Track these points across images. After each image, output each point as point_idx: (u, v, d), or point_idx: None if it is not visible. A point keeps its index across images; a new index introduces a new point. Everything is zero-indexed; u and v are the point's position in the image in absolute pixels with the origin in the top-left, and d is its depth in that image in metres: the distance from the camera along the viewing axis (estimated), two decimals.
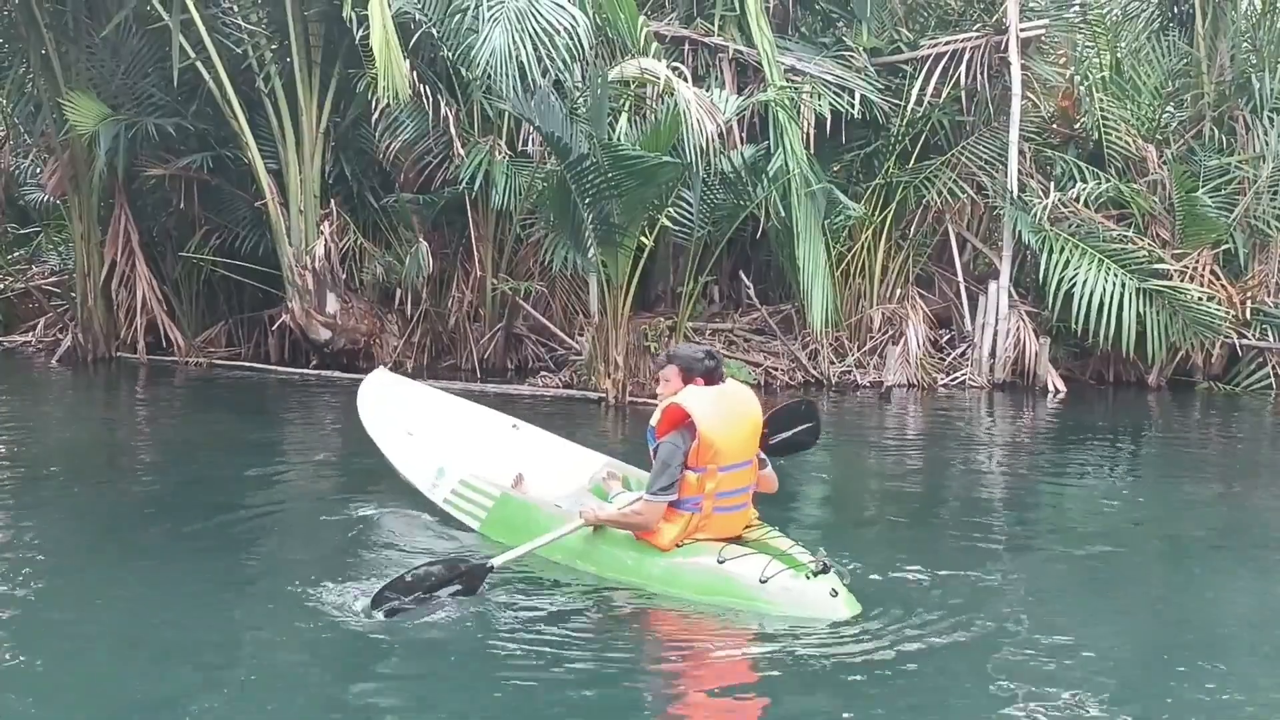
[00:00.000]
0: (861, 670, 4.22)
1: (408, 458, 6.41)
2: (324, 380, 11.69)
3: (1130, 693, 4.15)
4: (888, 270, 13.32)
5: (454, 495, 5.98)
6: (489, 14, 9.58)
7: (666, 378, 5.11)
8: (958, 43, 12.85)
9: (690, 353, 5.19)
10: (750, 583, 4.76)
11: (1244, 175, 13.29)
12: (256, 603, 4.91)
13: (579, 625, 4.72)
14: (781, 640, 4.55)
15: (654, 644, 4.69)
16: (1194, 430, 11.71)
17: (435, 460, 6.24)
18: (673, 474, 4.85)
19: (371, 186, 12.71)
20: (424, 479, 6.18)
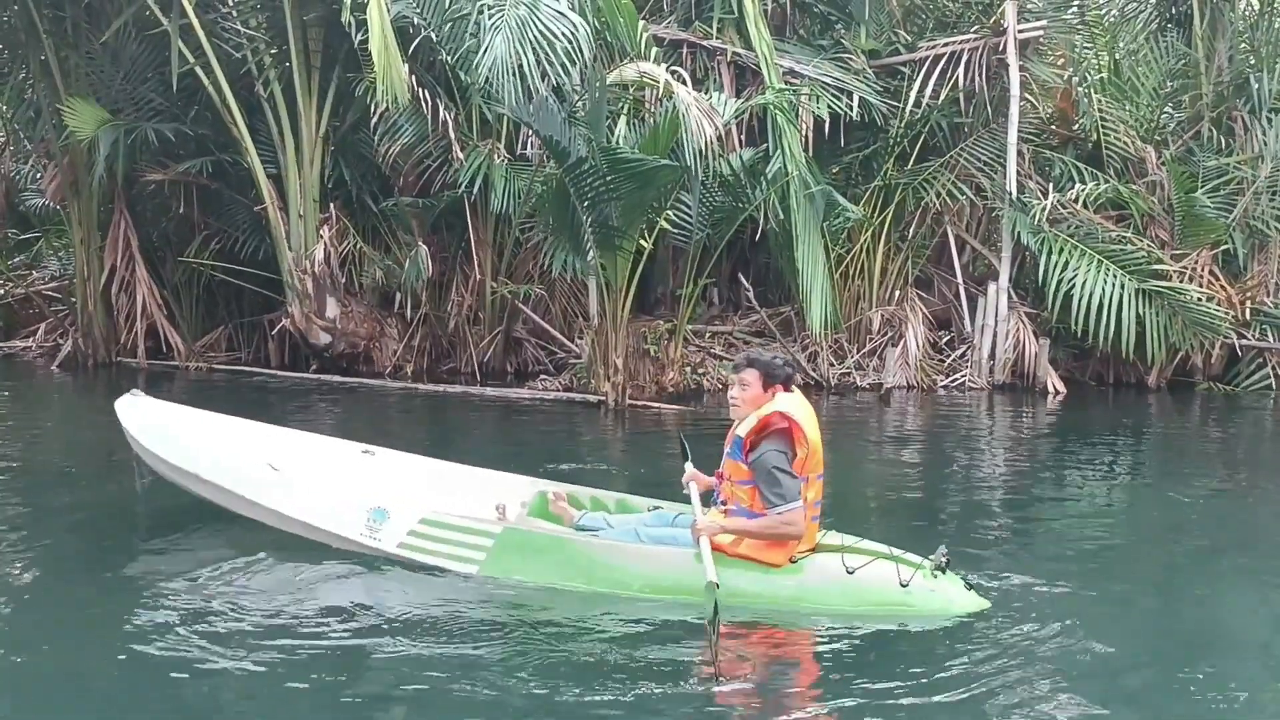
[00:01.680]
0: (984, 663, 4.34)
1: (309, 501, 5.40)
2: (324, 384, 11.71)
3: (1129, 698, 4.15)
4: (887, 272, 13.33)
5: (416, 539, 5.14)
6: (490, 23, 9.59)
7: (745, 382, 4.91)
8: (956, 44, 12.87)
9: (771, 358, 5.02)
10: (892, 589, 4.78)
11: (1243, 176, 13.30)
12: (251, 599, 4.89)
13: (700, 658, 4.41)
14: (923, 641, 4.64)
15: (789, 665, 4.53)
16: (1194, 431, 11.71)
17: (359, 500, 5.34)
18: (795, 481, 4.75)
19: (371, 190, 12.73)
20: (351, 524, 5.25)
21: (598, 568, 4.95)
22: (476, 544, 5.07)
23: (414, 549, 5.15)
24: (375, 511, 5.25)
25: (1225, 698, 4.12)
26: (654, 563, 4.93)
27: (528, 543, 5.11)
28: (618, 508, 5.62)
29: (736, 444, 4.86)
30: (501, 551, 5.04)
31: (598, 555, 5.01)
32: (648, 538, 5.09)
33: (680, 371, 11.83)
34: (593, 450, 9.50)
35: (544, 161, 11.22)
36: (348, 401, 11.03)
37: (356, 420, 10.28)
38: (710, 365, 12.50)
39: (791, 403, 4.87)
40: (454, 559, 5.09)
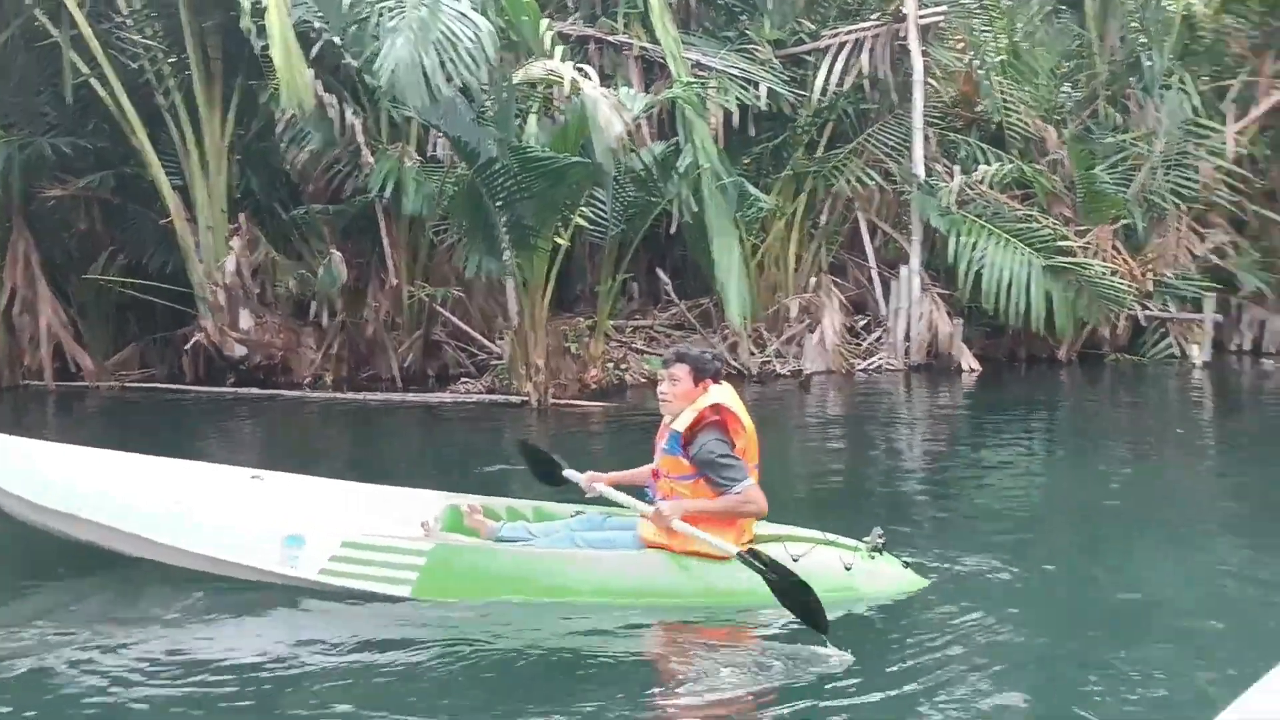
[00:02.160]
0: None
1: (213, 533, 4.97)
2: (241, 398, 11.51)
3: (1049, 668, 4.28)
4: (801, 260, 13.51)
5: (338, 564, 4.82)
6: (390, 24, 9.49)
7: (675, 377, 4.88)
8: (858, 32, 13.09)
9: (700, 353, 5.02)
10: (837, 573, 4.82)
11: (1138, 151, 13.73)
12: (160, 644, 4.51)
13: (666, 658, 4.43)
14: (868, 623, 4.69)
15: (745, 657, 4.43)
16: (1105, 401, 12.09)
17: (270, 528, 4.97)
18: (741, 463, 4.77)
19: (280, 199, 12.52)
20: (264, 554, 4.87)
21: (540, 578, 4.80)
22: (406, 564, 4.79)
23: (337, 575, 4.81)
24: (289, 539, 4.87)
25: (1149, 661, 4.25)
26: (599, 567, 4.85)
27: (463, 558, 4.89)
28: (536, 515, 5.40)
29: (674, 439, 4.83)
30: (434, 570, 4.77)
31: (539, 565, 4.86)
32: (584, 542, 4.98)
33: (602, 368, 11.85)
34: (518, 452, 9.47)
35: (455, 163, 11.14)
36: (267, 414, 10.86)
37: (277, 433, 10.15)
38: (632, 360, 12.54)
39: (725, 395, 4.90)
40: (383, 581, 4.78)
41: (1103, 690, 4.01)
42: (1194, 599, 5.09)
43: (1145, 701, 3.92)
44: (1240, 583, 5.29)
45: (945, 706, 3.86)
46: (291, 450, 9.28)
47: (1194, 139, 13.92)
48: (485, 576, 4.82)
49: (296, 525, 4.96)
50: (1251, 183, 14.56)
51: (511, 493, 6.02)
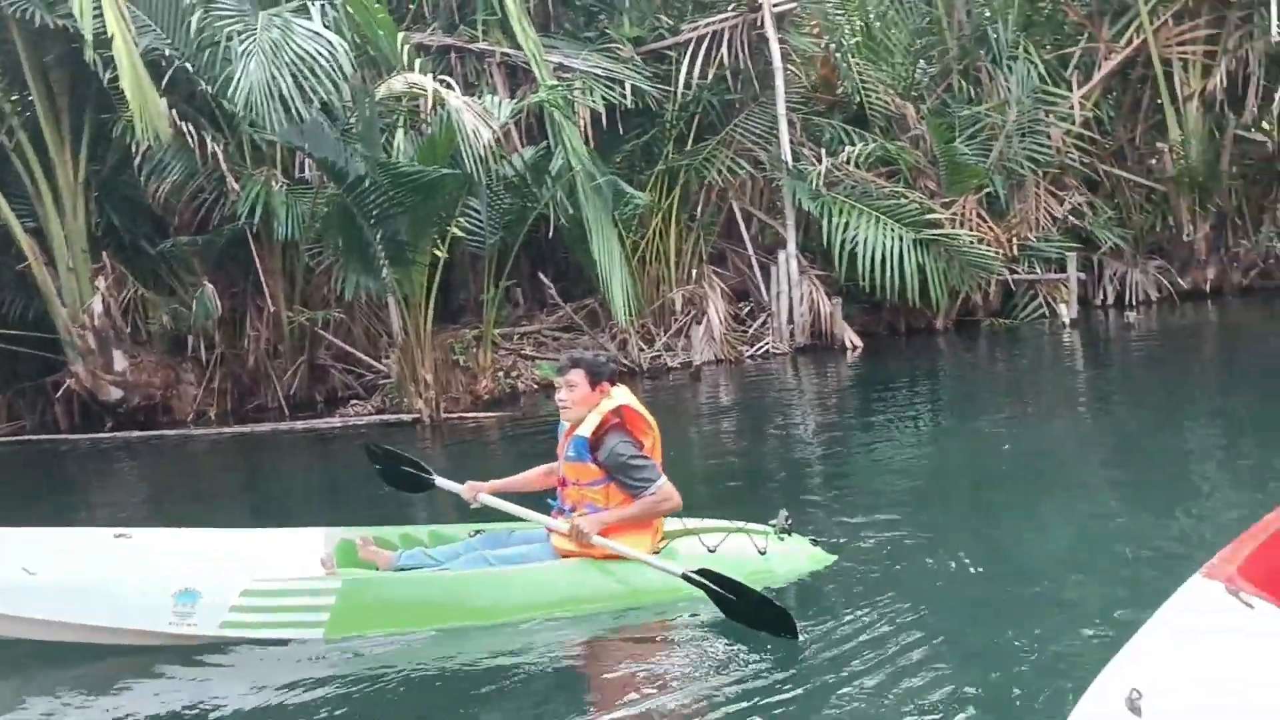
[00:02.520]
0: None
1: (91, 598, 4.53)
2: (122, 442, 11.12)
3: (954, 635, 4.41)
4: (682, 253, 13.64)
5: (241, 614, 4.52)
6: (241, 48, 9.27)
7: (573, 383, 4.85)
8: (716, 24, 13.24)
9: (594, 356, 4.99)
10: (754, 559, 4.90)
11: (994, 122, 14.22)
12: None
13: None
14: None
15: (676, 653, 4.49)
16: (982, 365, 12.52)
17: (157, 585, 4.58)
18: (652, 462, 4.79)
19: (145, 234, 12.10)
20: (154, 614, 4.50)
21: (458, 601, 4.68)
22: (315, 604, 4.56)
23: (242, 626, 4.53)
24: (181, 595, 4.51)
25: (1046, 629, 4.40)
26: (517, 582, 4.76)
27: (375, 591, 4.70)
28: (433, 539, 5.25)
29: (580, 445, 4.80)
30: (347, 606, 4.56)
31: (455, 588, 4.74)
32: (496, 560, 4.87)
33: (493, 378, 11.79)
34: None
35: (324, 183, 10.94)
36: (151, 457, 10.52)
37: (163, 475, 9.84)
38: (523, 367, 12.51)
39: (626, 396, 4.93)
40: (293, 626, 4.54)
41: (999, 647, 4.19)
42: (1075, 549, 5.34)
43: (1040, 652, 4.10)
44: (1120, 530, 5.56)
45: (874, 676, 3.99)
46: (180, 492, 9.02)
47: (1044, 106, 14.51)
48: (400, 607, 4.65)
49: (185, 579, 4.59)
50: (1100, 144, 15.27)
51: (405, 518, 5.90)
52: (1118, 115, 15.68)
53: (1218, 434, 8.09)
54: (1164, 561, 4.81)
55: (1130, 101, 15.74)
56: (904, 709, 3.73)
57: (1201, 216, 15.18)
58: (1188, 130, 14.96)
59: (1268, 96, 14.37)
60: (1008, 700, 3.76)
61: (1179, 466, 6.89)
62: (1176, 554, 4.77)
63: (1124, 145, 15.82)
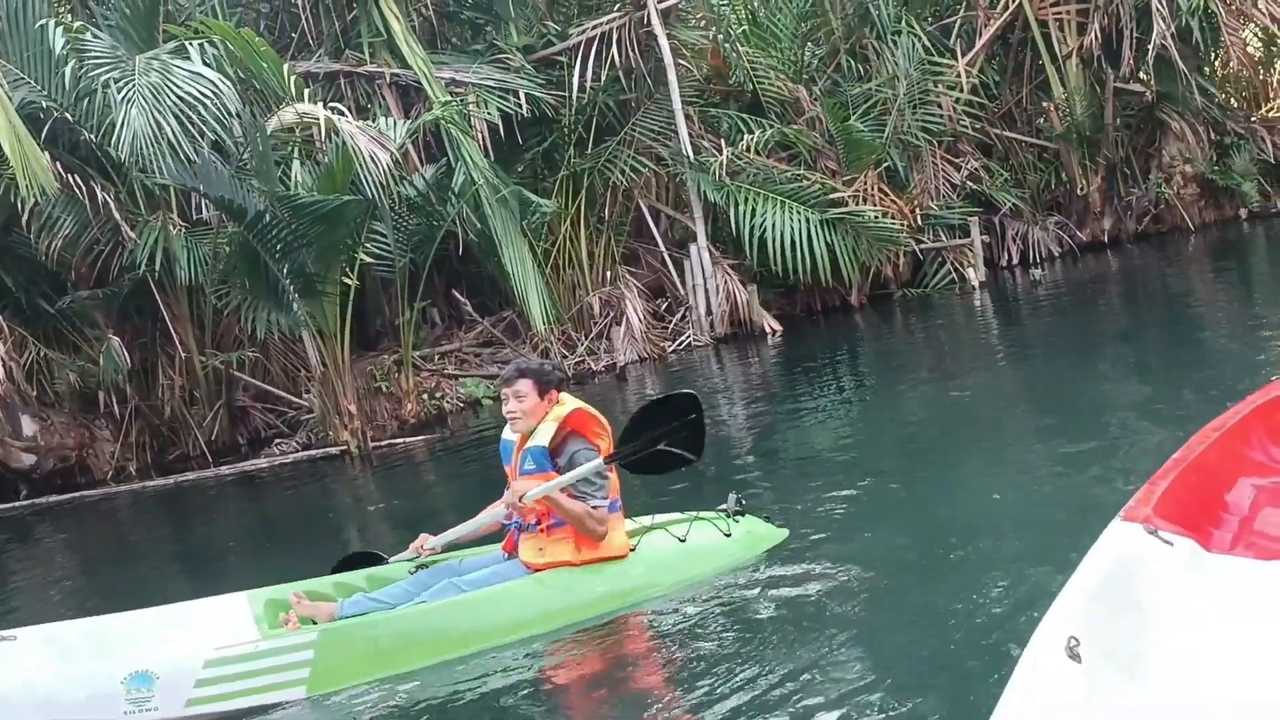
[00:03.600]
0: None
1: (39, 705, 4.06)
2: (40, 509, 10.77)
3: (898, 598, 4.51)
4: (594, 256, 13.64)
5: (209, 688, 4.17)
6: (121, 95, 9.04)
7: (521, 393, 4.74)
8: (603, 25, 13.26)
9: (540, 364, 4.92)
10: (720, 543, 4.98)
11: (885, 97, 14.46)
12: None
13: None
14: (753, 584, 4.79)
15: (665, 647, 4.44)
16: (899, 335, 12.74)
17: (102, 674, 4.16)
18: (607, 484, 4.72)
19: (42, 291, 11.74)
20: (106, 706, 4.08)
21: (447, 632, 4.47)
22: (292, 662, 4.25)
23: (212, 700, 4.15)
24: (134, 678, 4.11)
25: (986, 573, 4.53)
26: (502, 603, 4.60)
27: (357, 635, 4.42)
28: (371, 583, 4.97)
29: (540, 455, 4.70)
30: (328, 658, 4.27)
31: (440, 619, 4.51)
32: (469, 585, 4.66)
33: (417, 401, 11.67)
34: (349, 503, 9.27)
35: (223, 222, 10.73)
36: (72, 520, 10.20)
37: (87, 539, 9.55)
38: (446, 387, 12.40)
39: (576, 402, 4.90)
40: (270, 690, 4.20)
41: (941, 607, 4.29)
42: (1003, 504, 5.49)
43: (980, 609, 4.20)
44: (1045, 480, 5.75)
45: (830, 643, 4.09)
46: (107, 555, 8.76)
47: (931, 77, 14.79)
48: (386, 648, 4.40)
49: (130, 662, 4.17)
50: (989, 109, 15.63)
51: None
52: (1003, 79, 16.07)
53: (1128, 378, 8.35)
54: (1088, 507, 4.91)
55: (1013, 65, 16.13)
56: (857, 672, 3.82)
57: (1092, 170, 15.64)
58: (1070, 88, 15.38)
59: (1141, 48, 14.82)
60: (953, 658, 3.85)
61: (1095, 413, 7.07)
62: (1099, 499, 4.89)
63: (1012, 108, 16.22)
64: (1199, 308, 11.34)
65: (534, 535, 4.74)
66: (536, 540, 4.73)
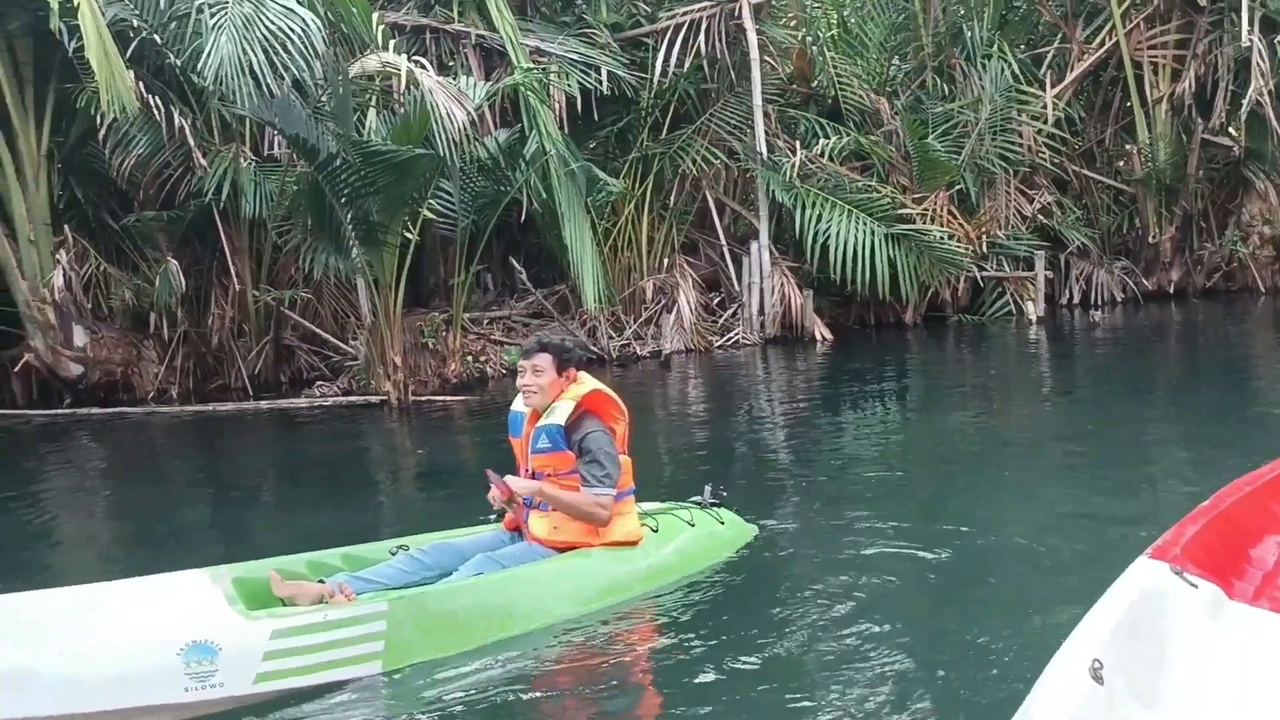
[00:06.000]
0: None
1: (69, 676, 3.54)
2: (81, 419, 10.94)
3: (914, 614, 4.44)
4: (654, 241, 13.61)
5: (278, 662, 3.73)
6: (213, 22, 9.12)
7: (539, 368, 4.60)
8: (694, 12, 13.21)
9: (561, 340, 4.76)
10: (719, 530, 4.98)
11: (966, 119, 14.29)
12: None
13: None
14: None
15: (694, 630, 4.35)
16: (949, 359, 12.60)
17: (156, 644, 3.67)
18: (618, 468, 4.59)
19: (109, 208, 11.92)
20: (163, 682, 3.59)
21: (514, 605, 4.26)
22: (366, 634, 3.89)
23: (283, 676, 3.73)
24: (192, 649, 3.63)
25: (1005, 594, 4.50)
26: (568, 576, 4.48)
27: (425, 608, 4.11)
28: (348, 563, 4.54)
29: (555, 434, 4.55)
30: (400, 631, 3.96)
31: (511, 592, 4.32)
32: (509, 560, 4.48)
33: (461, 361, 11.71)
34: (381, 452, 9.32)
35: (294, 161, 10.81)
36: (110, 434, 10.35)
37: (120, 454, 9.68)
38: (491, 352, 12.43)
39: (595, 382, 4.77)
40: (346, 664, 3.85)
41: (958, 625, 4.23)
42: (1030, 531, 5.37)
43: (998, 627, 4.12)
44: (1073, 512, 5.67)
45: (837, 658, 4.01)
46: (137, 473, 8.88)
47: (1016, 105, 14.60)
48: (454, 623, 4.12)
49: (191, 631, 3.69)
50: (1071, 144, 15.38)
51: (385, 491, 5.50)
52: (1088, 116, 15.82)
53: (1172, 426, 8.22)
54: (1111, 545, 4.86)
55: (1101, 103, 15.88)
56: (871, 680, 3.76)
57: (1167, 219, 15.35)
58: (1156, 133, 15.11)
59: (1235, 102, 14.52)
60: (968, 674, 3.80)
61: (1132, 456, 6.99)
62: (1123, 538, 4.82)
63: (1093, 146, 15.97)
64: (1255, 368, 11.10)
65: (545, 514, 4.61)
66: (548, 519, 4.60)
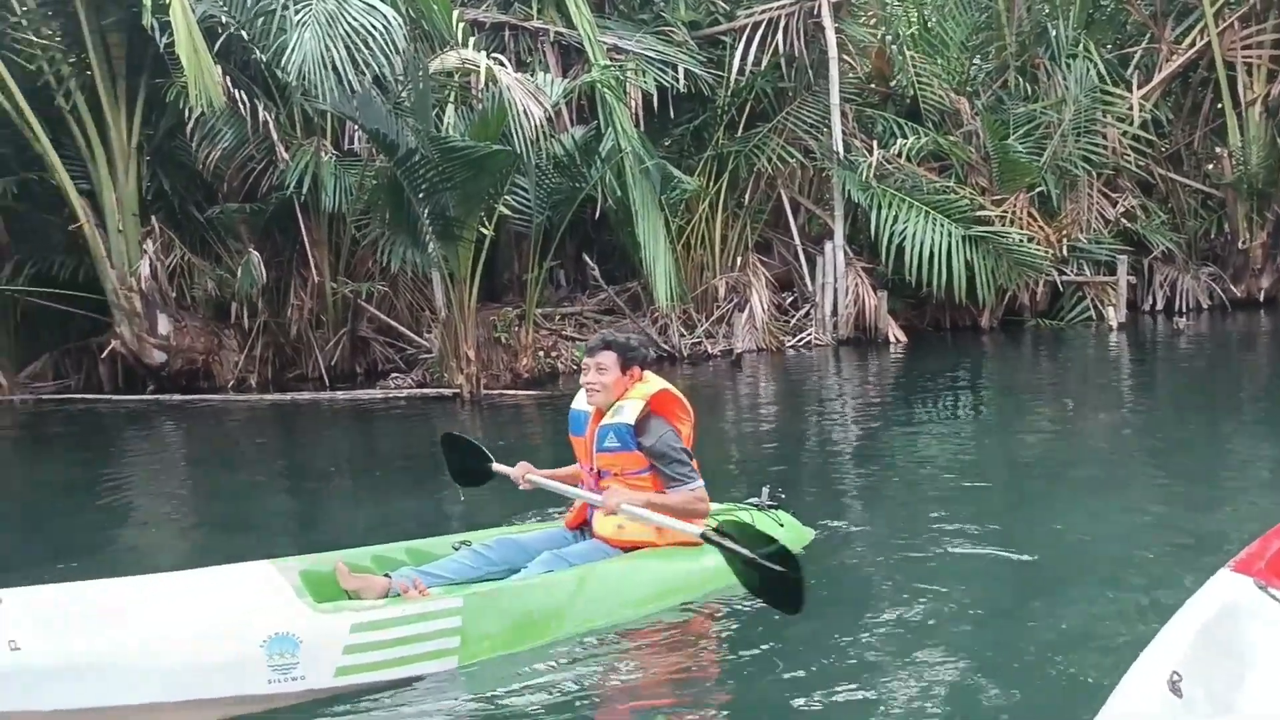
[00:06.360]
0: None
1: (148, 668, 3.47)
2: (163, 405, 11.22)
3: (989, 624, 4.35)
4: (727, 240, 13.57)
5: (358, 655, 3.70)
6: (297, 18, 9.29)
7: (604, 365, 4.54)
8: (773, 10, 13.14)
9: (627, 339, 4.69)
10: (782, 534, 4.84)
11: (1049, 120, 14.01)
12: None
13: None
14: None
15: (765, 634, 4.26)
16: (1027, 365, 12.35)
17: (241, 634, 3.61)
18: (692, 460, 4.53)
19: (195, 200, 12.22)
20: (247, 673, 3.55)
21: (581, 604, 4.21)
22: (441, 629, 3.86)
23: (362, 670, 3.70)
24: (275, 641, 3.59)
25: (1079, 602, 4.36)
26: (634, 575, 4.42)
27: (499, 604, 4.07)
28: (412, 557, 4.54)
29: (624, 433, 4.47)
30: (475, 627, 3.92)
31: (583, 590, 4.26)
32: (576, 558, 4.44)
33: (533, 357, 11.79)
34: (442, 446, 9.38)
35: (374, 155, 10.98)
36: (190, 421, 10.60)
37: (199, 439, 9.91)
38: (563, 348, 12.49)
39: (661, 381, 4.71)
40: (423, 659, 3.82)
41: (1030, 631, 4.14)
42: (1106, 540, 5.25)
43: (1071, 635, 4.04)
44: (1152, 523, 5.50)
45: (908, 658, 3.95)
46: (215, 458, 9.09)
47: (1101, 106, 14.28)
48: (527, 619, 4.08)
49: (269, 623, 3.66)
50: (1157, 147, 15.00)
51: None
52: (1176, 118, 15.45)
53: (1256, 440, 7.93)
54: (1192, 555, 4.74)
55: (1190, 104, 15.48)
56: (938, 695, 3.67)
57: (1258, 224, 14.91)
58: (1249, 136, 14.68)
59: None
60: (1037, 684, 3.71)
61: (1215, 468, 6.79)
62: (1205, 549, 4.70)
63: (1181, 149, 15.58)
64: None
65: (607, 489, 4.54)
66: (614, 517, 4.49)
